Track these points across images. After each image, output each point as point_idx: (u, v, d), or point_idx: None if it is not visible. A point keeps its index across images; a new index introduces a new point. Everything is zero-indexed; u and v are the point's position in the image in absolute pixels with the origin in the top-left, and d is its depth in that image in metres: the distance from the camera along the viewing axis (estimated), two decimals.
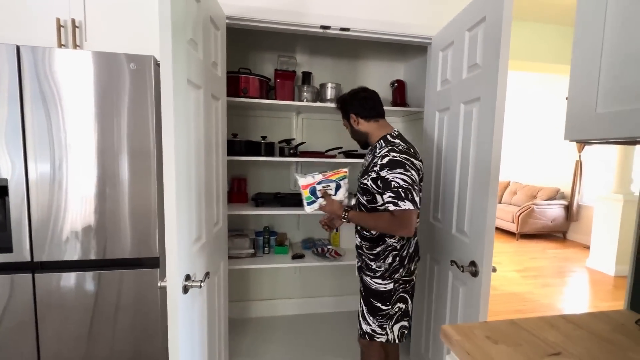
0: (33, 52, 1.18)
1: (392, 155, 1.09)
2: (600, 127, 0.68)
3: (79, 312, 1.30)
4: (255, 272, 2.31)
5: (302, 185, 1.25)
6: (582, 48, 0.71)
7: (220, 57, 1.35)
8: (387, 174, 1.08)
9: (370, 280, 1.24)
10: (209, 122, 1.21)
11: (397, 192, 1.06)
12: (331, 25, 1.53)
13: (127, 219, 1.30)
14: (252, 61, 2.13)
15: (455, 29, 1.36)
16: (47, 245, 1.25)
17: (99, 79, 1.22)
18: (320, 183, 1.25)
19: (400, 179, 1.06)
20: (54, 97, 1.20)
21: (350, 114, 1.26)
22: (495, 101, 1.06)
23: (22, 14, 1.37)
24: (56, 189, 1.23)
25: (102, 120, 1.24)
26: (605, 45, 0.66)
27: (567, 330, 0.76)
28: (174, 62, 0.85)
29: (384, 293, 1.22)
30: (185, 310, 0.98)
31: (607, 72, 0.66)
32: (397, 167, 1.07)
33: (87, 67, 1.21)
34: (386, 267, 1.21)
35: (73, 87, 1.21)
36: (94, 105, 1.23)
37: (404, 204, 1.05)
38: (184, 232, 0.95)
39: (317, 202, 1.25)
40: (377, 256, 1.23)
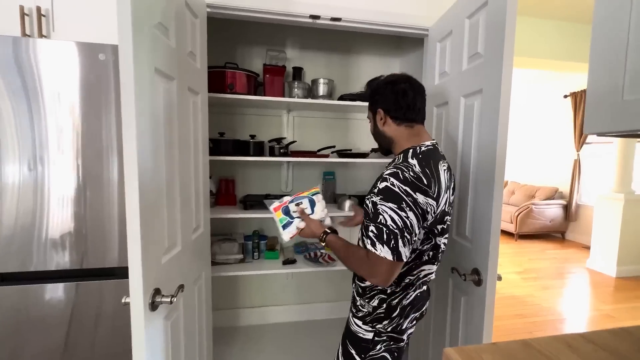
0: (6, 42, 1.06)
1: (391, 182, 0.81)
2: (628, 116, 0.58)
3: (52, 326, 1.18)
4: (245, 278, 2.20)
5: (273, 208, 1.08)
6: (604, 22, 0.61)
7: (199, 47, 1.24)
8: (379, 203, 0.82)
9: (352, 317, 1.00)
10: (185, 118, 1.10)
11: (381, 230, 0.81)
12: (321, 14, 1.43)
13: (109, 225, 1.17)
14: (240, 55, 2.02)
15: (454, 17, 1.26)
16: (14, 254, 1.12)
17: (69, 70, 1.10)
18: (292, 202, 1.09)
19: (389, 216, 0.80)
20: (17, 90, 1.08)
21: (378, 108, 0.95)
22: (500, 92, 0.96)
23: None
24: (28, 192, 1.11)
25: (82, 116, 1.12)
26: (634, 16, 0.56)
27: (587, 352, 0.66)
28: (135, 47, 0.74)
29: (361, 341, 0.96)
30: (154, 328, 0.86)
31: (636, 51, 0.56)
32: (389, 200, 0.80)
33: (57, 57, 1.09)
34: (369, 309, 0.94)
35: (44, 79, 1.09)
36: (65, 98, 1.11)
37: (382, 249, 0.80)
38: (152, 240, 0.84)
39: (293, 223, 1.07)
40: (363, 291, 0.97)
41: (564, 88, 4.80)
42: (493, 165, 0.99)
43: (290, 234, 1.07)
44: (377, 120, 0.96)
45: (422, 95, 0.94)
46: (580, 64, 2.81)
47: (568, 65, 2.89)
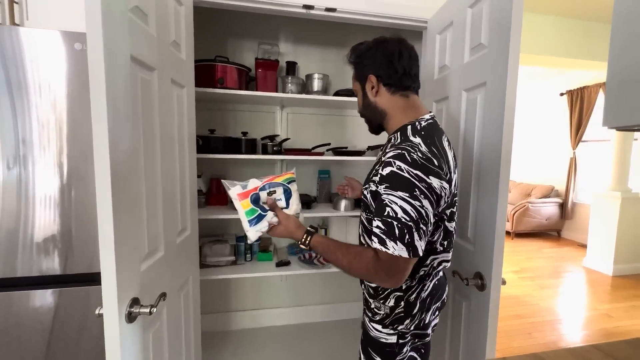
0: None
1: (398, 166, 0.69)
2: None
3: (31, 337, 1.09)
4: (237, 281, 2.12)
5: (238, 195, 0.83)
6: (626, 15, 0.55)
7: (184, 37, 1.16)
8: (384, 192, 0.70)
9: (369, 322, 0.89)
10: (169, 113, 1.02)
11: (391, 225, 0.69)
12: (315, 4, 1.36)
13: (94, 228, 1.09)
14: (231, 49, 1.94)
15: (455, 7, 1.20)
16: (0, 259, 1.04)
17: (47, 61, 1.01)
18: (264, 189, 0.85)
19: (400, 207, 0.68)
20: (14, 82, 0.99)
21: (368, 74, 0.82)
22: (506, 84, 0.90)
23: None
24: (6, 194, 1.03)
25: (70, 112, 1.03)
26: None
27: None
28: (105, 31, 0.66)
29: (385, 347, 0.86)
30: (133, 342, 0.79)
31: None
32: (399, 189, 0.69)
33: (32, 47, 1.00)
34: (386, 311, 0.85)
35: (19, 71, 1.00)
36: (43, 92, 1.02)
37: (395, 246, 0.69)
38: (127, 246, 0.77)
39: (264, 219, 0.84)
40: (375, 292, 0.87)
41: (560, 86, 4.79)
42: (498, 163, 0.93)
43: (259, 232, 0.84)
44: (368, 89, 0.83)
45: (416, 60, 0.83)
46: (578, 60, 2.78)
47: (566, 62, 2.85)
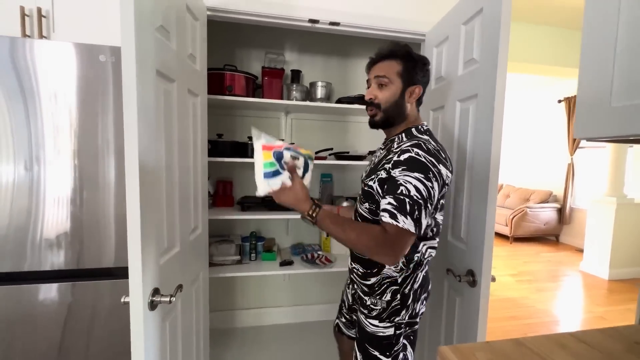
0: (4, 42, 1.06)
1: (416, 152, 0.80)
2: (615, 122, 0.60)
3: (47, 328, 1.17)
4: (242, 280, 2.20)
5: (263, 146, 0.83)
6: (593, 33, 0.63)
7: (199, 50, 1.25)
8: (399, 174, 0.79)
9: (365, 319, 0.96)
10: (185, 120, 1.11)
11: (403, 202, 0.77)
12: (320, 19, 1.45)
13: (105, 226, 1.18)
14: (239, 58, 2.04)
15: (450, 23, 1.29)
16: (8, 254, 1.12)
17: (75, 72, 1.11)
18: (289, 150, 0.85)
19: (414, 186, 0.77)
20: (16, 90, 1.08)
21: (416, 84, 0.92)
22: (494, 97, 0.98)
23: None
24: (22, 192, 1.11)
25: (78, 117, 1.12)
26: (621, 28, 0.58)
27: (578, 350, 0.68)
28: (138, 49, 0.75)
29: (383, 339, 0.93)
30: (153, 328, 0.87)
31: (623, 59, 0.58)
32: (415, 170, 0.78)
33: (57, 58, 1.10)
34: (383, 305, 0.92)
35: (42, 80, 1.09)
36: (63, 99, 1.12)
37: (405, 220, 0.76)
38: (151, 240, 0.85)
39: (281, 176, 0.83)
40: (371, 289, 0.95)
41: (558, 93, 4.88)
42: (487, 168, 1.01)
43: (270, 188, 0.83)
44: (407, 94, 0.92)
45: None
46: (572, 69, 2.87)
47: (560, 71, 2.95)
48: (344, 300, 1.20)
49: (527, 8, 2.57)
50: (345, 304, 1.19)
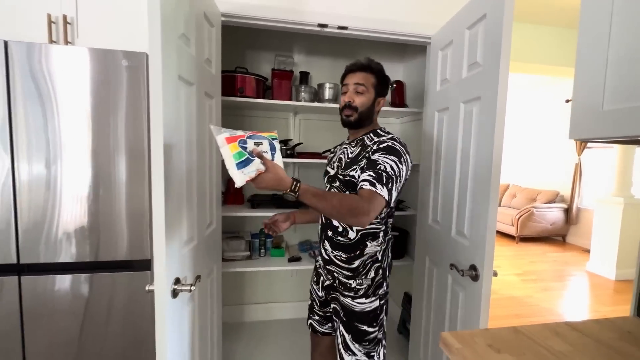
0: (21, 48, 1.14)
1: (392, 143, 1.01)
2: (607, 125, 0.65)
3: (69, 316, 1.25)
4: (251, 275, 2.27)
5: (225, 138, 0.83)
6: (587, 42, 0.68)
7: (214, 54, 1.32)
8: (378, 156, 0.97)
9: (352, 301, 1.08)
10: (202, 121, 1.17)
11: (380, 174, 0.93)
12: (329, 23, 1.51)
13: (119, 221, 1.26)
14: (249, 60, 2.11)
15: (455, 27, 1.34)
16: (36, 246, 1.21)
17: (91, 76, 1.19)
18: (251, 138, 0.87)
19: (390, 165, 0.95)
20: (44, 94, 1.16)
21: (384, 95, 1.12)
22: (497, 100, 1.03)
23: (11, 10, 1.33)
24: (46, 189, 1.19)
25: (94, 119, 1.20)
26: (613, 39, 0.63)
27: (572, 338, 0.73)
28: (163, 57, 0.81)
29: (370, 313, 1.06)
30: (174, 315, 0.94)
31: (614, 67, 0.63)
32: (392, 154, 0.97)
33: (79, 63, 1.18)
34: (369, 283, 1.06)
35: (65, 83, 1.17)
36: (85, 102, 1.19)
37: (381, 188, 0.91)
38: (174, 233, 0.92)
39: (253, 163, 0.84)
40: (355, 272, 1.07)
41: (566, 93, 4.86)
42: (489, 168, 1.06)
43: (248, 176, 0.84)
44: (377, 103, 1.11)
45: None
46: None
47: (567, 71, 2.95)
48: (314, 298, 1.26)
49: (535, 9, 2.59)
50: (317, 302, 1.24)
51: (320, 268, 1.21)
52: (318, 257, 1.22)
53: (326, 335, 1.27)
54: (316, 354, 1.33)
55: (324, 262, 1.16)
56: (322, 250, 1.16)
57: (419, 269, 1.65)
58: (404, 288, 2.21)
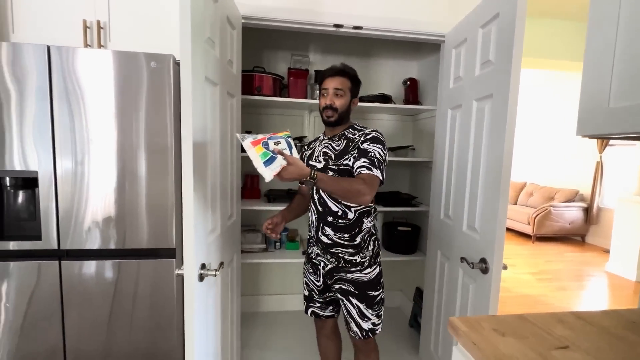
0: (61, 52, 1.24)
1: (376, 133, 1.19)
2: (613, 121, 0.67)
3: (100, 298, 1.36)
4: (266, 268, 2.36)
5: (251, 142, 0.95)
6: (595, 41, 0.71)
7: (235, 55, 1.39)
8: (367, 145, 1.15)
9: (360, 274, 1.23)
10: (224, 119, 1.25)
11: (373, 160, 1.12)
12: (344, 23, 1.55)
13: (145, 211, 1.35)
14: (267, 60, 2.18)
15: (468, 26, 1.36)
16: (72, 234, 1.32)
17: (121, 77, 1.28)
18: (271, 139, 0.99)
19: (378, 152, 1.14)
20: (79, 94, 1.27)
21: (357, 96, 1.27)
22: (508, 98, 1.05)
23: (52, 17, 1.45)
24: (79, 181, 1.30)
25: (124, 117, 1.29)
26: (619, 38, 0.66)
27: (576, 325, 0.76)
28: (192, 61, 0.89)
29: (374, 279, 1.25)
30: (200, 297, 1.02)
31: (620, 65, 0.66)
32: (378, 143, 1.16)
33: (110, 65, 1.27)
34: (369, 254, 1.24)
35: (97, 84, 1.27)
36: (116, 102, 1.28)
37: (376, 171, 1.10)
38: (200, 223, 1.00)
39: (277, 160, 0.95)
40: (358, 248, 1.22)
41: None
42: (500, 164, 1.09)
43: (274, 171, 0.95)
44: (352, 103, 1.26)
45: None
46: None
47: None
48: (312, 288, 1.35)
49: (550, 3, 2.54)
50: (315, 291, 1.34)
51: (319, 256, 1.30)
52: (312, 248, 1.32)
53: (329, 318, 1.40)
54: (321, 336, 1.46)
55: (326, 247, 1.25)
56: (322, 237, 1.25)
57: (431, 262, 1.68)
58: (415, 283, 2.25)
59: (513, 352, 0.64)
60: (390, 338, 2.09)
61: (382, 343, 1.97)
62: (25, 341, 1.33)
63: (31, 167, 1.27)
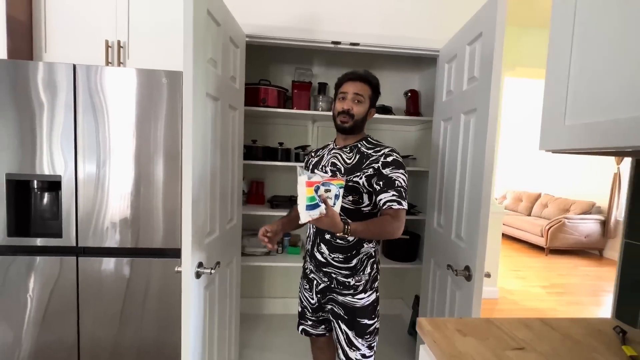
0: (87, 70, 1.40)
1: (396, 156, 1.12)
2: (568, 138, 0.73)
3: (114, 293, 1.49)
4: (269, 271, 2.44)
5: (307, 182, 0.94)
6: (554, 65, 0.77)
7: (239, 71, 1.51)
8: (391, 172, 1.08)
9: (352, 298, 1.15)
10: (225, 129, 1.36)
11: (400, 191, 1.07)
12: (341, 40, 1.65)
13: (157, 213, 1.47)
14: (272, 73, 2.30)
15: (458, 43, 1.42)
16: (90, 233, 1.46)
17: (137, 92, 1.42)
18: (323, 185, 0.98)
19: (402, 179, 1.08)
20: (101, 107, 1.41)
21: (375, 106, 1.21)
22: (488, 112, 1.11)
23: (78, 37, 1.62)
24: (100, 185, 1.44)
25: (140, 128, 1.43)
26: (572, 63, 0.71)
27: (540, 331, 0.80)
28: (194, 79, 1.00)
29: (369, 306, 1.15)
30: (197, 293, 1.11)
31: (573, 87, 0.71)
32: (400, 168, 1.10)
33: (128, 81, 1.41)
34: (366, 278, 1.15)
35: (116, 98, 1.41)
36: (133, 114, 1.42)
37: (404, 203, 1.07)
38: (198, 225, 1.10)
39: (318, 209, 0.95)
40: (353, 270, 1.14)
41: None
42: (482, 175, 1.14)
43: (311, 217, 0.95)
44: (369, 113, 1.20)
45: None
46: None
47: None
48: (305, 305, 1.30)
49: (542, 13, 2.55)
50: (308, 309, 1.29)
51: (312, 273, 1.24)
52: (307, 264, 1.27)
53: (320, 337, 1.35)
54: (315, 348, 1.43)
55: (319, 265, 1.19)
56: (317, 254, 1.18)
57: (426, 270, 1.72)
58: (415, 290, 2.27)
59: (469, 350, 0.69)
60: (389, 345, 2.11)
61: (381, 350, 2.00)
62: (46, 330, 1.46)
63: (57, 172, 1.42)
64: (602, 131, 0.64)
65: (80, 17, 1.61)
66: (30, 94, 1.38)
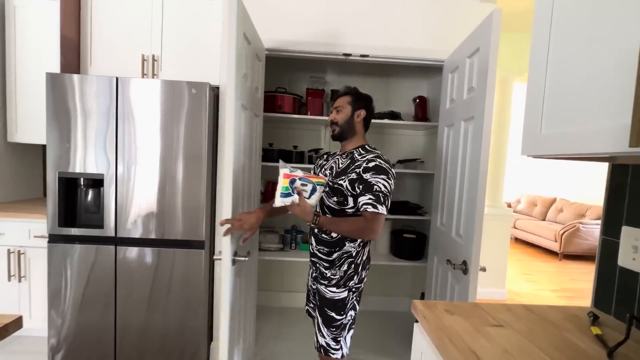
0: (126, 81, 1.60)
1: (379, 162, 1.16)
2: (544, 145, 0.84)
3: (144, 279, 1.68)
4: (283, 266, 2.60)
5: (284, 174, 1.13)
6: (533, 79, 0.89)
7: (260, 82, 1.68)
8: (370, 177, 1.14)
9: (325, 289, 1.26)
10: (251, 135, 1.53)
11: (378, 196, 1.12)
12: (352, 52, 1.80)
13: (181, 209, 1.66)
14: (288, 81, 2.47)
15: (459, 56, 1.54)
16: (126, 225, 1.65)
17: (168, 101, 1.61)
18: (300, 180, 1.14)
19: (382, 185, 1.14)
20: (137, 114, 1.61)
21: (362, 108, 1.27)
22: (483, 121, 1.22)
23: (118, 52, 1.84)
24: (132, 183, 1.63)
25: (167, 133, 1.62)
26: (548, 79, 0.83)
27: (521, 314, 0.91)
28: (235, 93, 1.17)
29: (338, 302, 1.24)
30: (232, 279, 1.26)
31: (547, 100, 0.83)
32: (382, 174, 1.14)
33: (161, 92, 1.61)
34: (341, 274, 1.25)
35: (151, 106, 1.61)
36: (161, 120, 1.61)
37: (382, 208, 1.12)
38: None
39: (290, 198, 1.14)
40: (332, 263, 1.26)
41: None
42: (477, 177, 1.25)
43: (283, 203, 1.16)
44: (355, 115, 1.27)
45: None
46: None
47: None
48: (309, 288, 1.43)
49: None
50: (310, 292, 1.41)
51: (310, 261, 1.39)
52: None
53: None
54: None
55: (310, 255, 1.36)
56: (310, 245, 1.36)
57: (430, 267, 1.83)
58: (421, 288, 2.37)
59: (453, 324, 0.82)
60: (395, 342, 2.22)
61: (389, 346, 2.12)
62: (86, 309, 1.67)
63: (100, 171, 1.62)
64: (571, 140, 0.76)
65: (119, 33, 1.83)
66: (77, 104, 1.59)
